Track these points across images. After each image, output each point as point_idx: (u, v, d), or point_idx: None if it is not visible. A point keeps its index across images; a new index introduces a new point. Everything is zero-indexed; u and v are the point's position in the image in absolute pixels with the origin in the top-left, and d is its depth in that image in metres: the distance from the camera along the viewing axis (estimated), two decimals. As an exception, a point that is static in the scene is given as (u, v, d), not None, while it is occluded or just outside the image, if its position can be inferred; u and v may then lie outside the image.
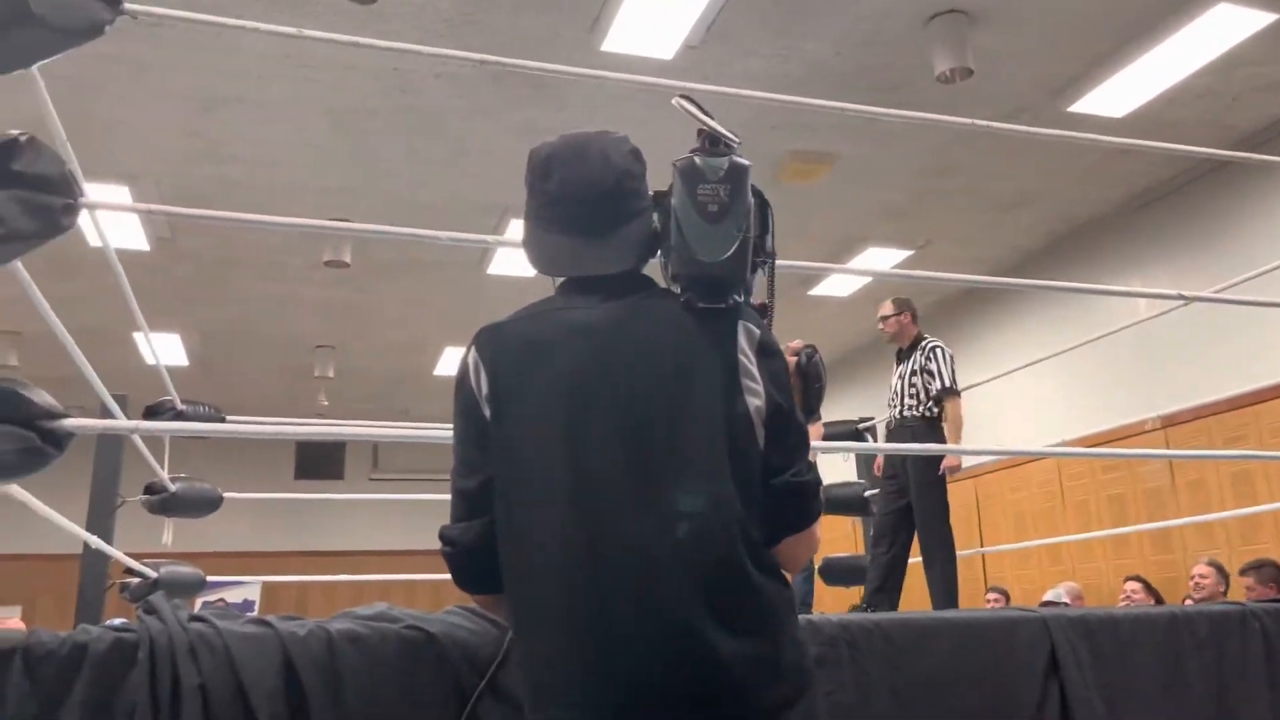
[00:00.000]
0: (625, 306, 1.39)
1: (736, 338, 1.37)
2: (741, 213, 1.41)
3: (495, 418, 1.35)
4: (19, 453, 1.57)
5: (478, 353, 1.40)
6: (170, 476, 4.20)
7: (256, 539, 11.23)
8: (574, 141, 1.46)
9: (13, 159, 1.64)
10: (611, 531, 1.25)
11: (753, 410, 1.33)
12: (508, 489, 1.32)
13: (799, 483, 1.35)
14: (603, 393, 1.31)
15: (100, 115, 5.26)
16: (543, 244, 1.46)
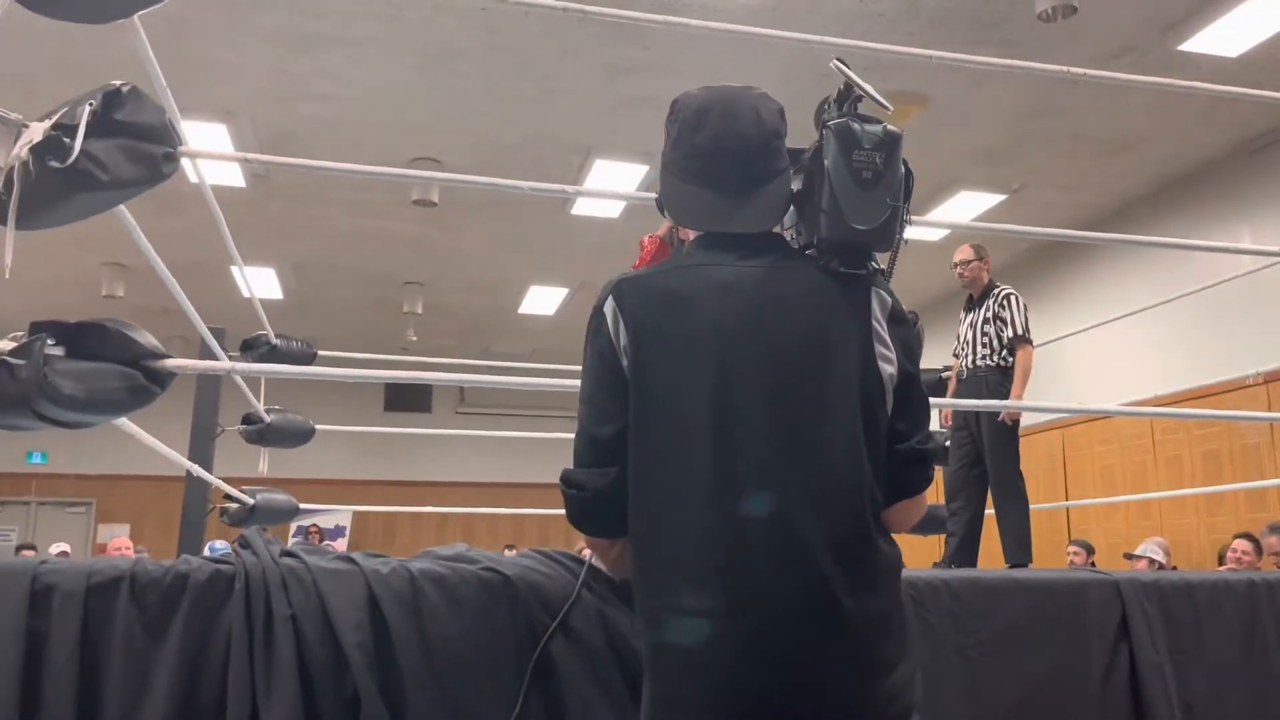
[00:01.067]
0: (766, 266, 1.40)
1: (871, 304, 1.40)
2: (895, 181, 1.43)
3: (636, 367, 1.36)
4: (126, 390, 1.65)
5: (616, 303, 1.41)
6: (266, 408, 4.38)
7: (347, 467, 11.62)
8: (724, 96, 1.46)
9: (116, 109, 1.71)
10: (754, 481, 1.28)
11: (885, 377, 1.37)
12: (647, 436, 1.35)
13: (922, 450, 1.39)
14: (748, 348, 1.34)
15: (197, 55, 5.39)
16: (686, 195, 1.45)
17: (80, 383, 1.59)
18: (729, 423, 1.31)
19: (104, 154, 1.67)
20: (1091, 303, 7.71)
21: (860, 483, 1.31)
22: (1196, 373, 6.88)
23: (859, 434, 1.33)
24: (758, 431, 1.30)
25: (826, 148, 1.42)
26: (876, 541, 1.32)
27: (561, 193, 2.18)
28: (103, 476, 11.60)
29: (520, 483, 12.04)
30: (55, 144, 1.62)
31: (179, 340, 10.36)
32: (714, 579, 1.26)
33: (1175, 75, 5.52)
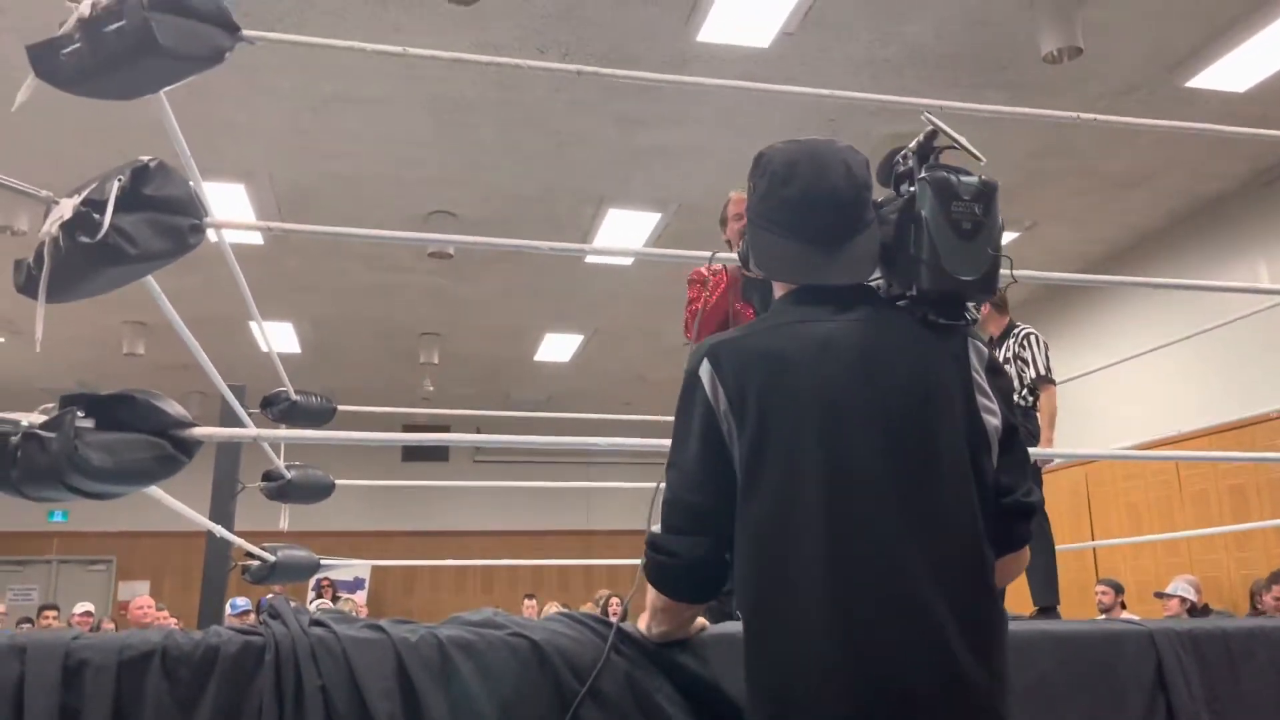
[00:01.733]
0: (864, 319, 1.38)
1: (969, 355, 1.39)
2: (996, 231, 1.42)
3: (739, 431, 1.34)
4: (154, 459, 1.67)
5: (713, 366, 1.38)
6: (286, 464, 4.40)
7: (366, 519, 11.63)
8: (812, 149, 1.46)
9: (144, 184, 1.74)
10: (869, 542, 1.26)
11: (990, 429, 1.35)
12: (755, 508, 1.32)
13: (1028, 503, 1.37)
14: (856, 406, 1.32)
15: (216, 116, 5.49)
16: (777, 248, 1.44)
17: (109, 454, 1.61)
18: (842, 493, 1.28)
19: (132, 228, 1.70)
20: (1109, 339, 7.68)
21: (977, 544, 1.29)
22: (1219, 408, 6.83)
23: (971, 492, 1.31)
24: (872, 502, 1.27)
25: (922, 199, 1.42)
26: (992, 598, 1.31)
27: (579, 251, 2.20)
28: (123, 534, 11.65)
29: (539, 530, 12.01)
30: (85, 220, 1.66)
31: (199, 396, 10.43)
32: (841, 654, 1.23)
33: (1183, 111, 5.58)
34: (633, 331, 9.49)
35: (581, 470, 11.58)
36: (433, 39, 4.80)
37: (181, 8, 1.76)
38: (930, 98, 5.76)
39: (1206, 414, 6.93)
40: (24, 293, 1.74)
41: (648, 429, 2.99)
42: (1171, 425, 7.17)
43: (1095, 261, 8.02)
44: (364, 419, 6.15)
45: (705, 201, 6.64)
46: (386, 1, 4.57)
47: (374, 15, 4.66)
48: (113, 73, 1.78)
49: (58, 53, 1.77)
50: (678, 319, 3.47)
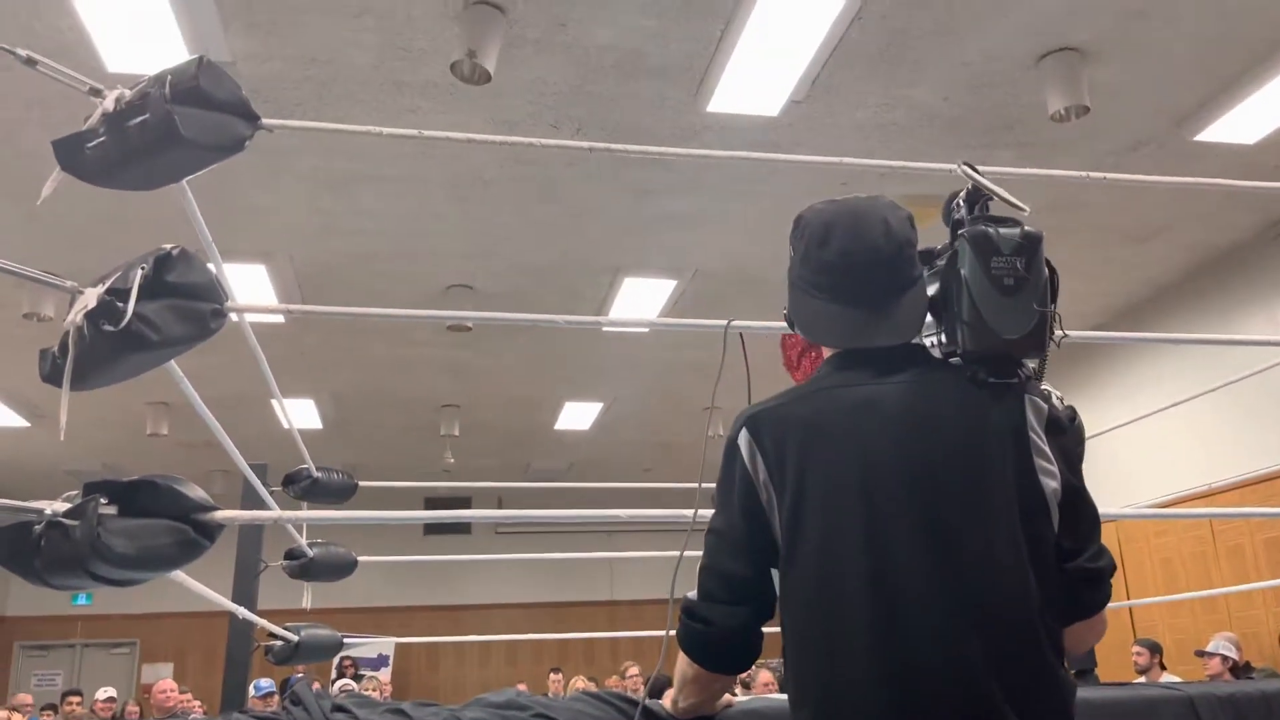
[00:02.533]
0: (909, 382, 1.35)
1: (1026, 414, 1.32)
2: (1040, 286, 1.36)
3: (779, 501, 1.32)
4: (176, 545, 1.68)
5: (751, 435, 1.36)
6: (308, 542, 4.39)
7: (389, 594, 11.55)
8: (852, 208, 1.43)
9: (167, 271, 1.77)
10: (914, 614, 1.23)
11: (1049, 492, 1.29)
12: (797, 582, 1.30)
13: (1096, 568, 1.31)
14: (898, 477, 1.28)
15: (236, 199, 5.60)
16: (819, 313, 1.41)
17: (132, 540, 1.61)
18: (885, 564, 1.24)
19: (155, 315, 1.73)
20: (1135, 392, 7.61)
21: (1032, 614, 1.24)
22: (1250, 458, 6.73)
23: (1025, 559, 1.25)
24: (918, 573, 1.23)
25: (962, 256, 1.37)
26: (1052, 668, 1.25)
27: (594, 324, 2.21)
28: (146, 615, 11.61)
29: (564, 601, 11.89)
30: (109, 308, 1.68)
31: (221, 474, 10.48)
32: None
33: (1194, 164, 5.59)
34: (652, 397, 9.49)
35: (604, 539, 11.50)
36: (448, 118, 4.90)
37: (203, 100, 1.80)
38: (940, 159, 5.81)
39: (1238, 465, 6.82)
40: (49, 381, 1.77)
41: (670, 496, 2.97)
42: (1202, 478, 7.06)
43: (1114, 315, 7.99)
44: (386, 494, 6.15)
45: (720, 267, 6.71)
46: (402, 84, 4.68)
47: (390, 97, 4.76)
48: (137, 164, 1.82)
49: (83, 146, 1.81)
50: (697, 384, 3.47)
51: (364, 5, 4.15)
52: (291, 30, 4.29)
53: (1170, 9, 4.37)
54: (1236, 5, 4.36)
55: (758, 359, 1.56)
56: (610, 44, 4.45)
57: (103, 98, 1.81)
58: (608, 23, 4.31)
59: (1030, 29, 4.46)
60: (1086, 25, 4.45)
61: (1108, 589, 1.33)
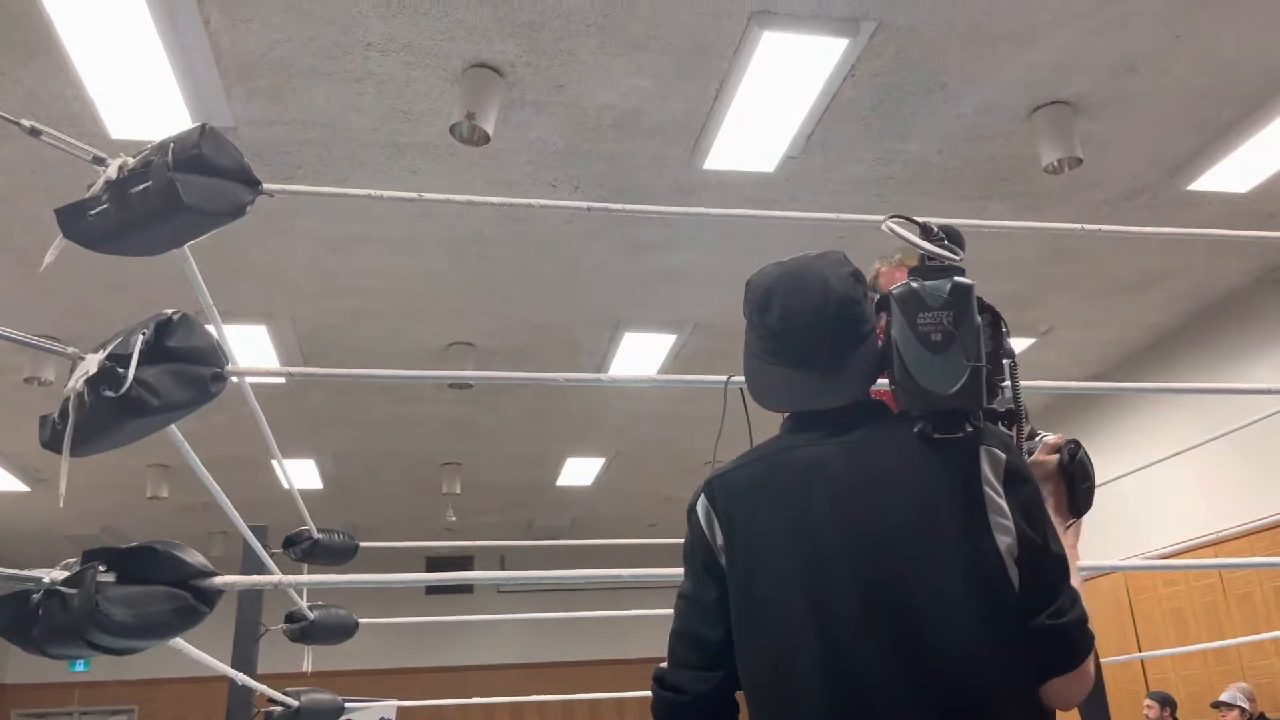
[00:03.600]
0: (857, 441, 1.32)
1: (980, 468, 1.28)
2: (969, 339, 1.32)
3: (731, 569, 1.32)
4: (175, 612, 1.66)
5: (708, 501, 1.37)
6: (309, 604, 4.35)
7: (391, 656, 11.42)
8: (793, 270, 1.42)
9: (168, 336, 1.78)
10: (861, 685, 1.20)
11: (1003, 549, 1.24)
12: (750, 647, 1.29)
13: (1060, 624, 1.24)
14: (839, 536, 1.26)
15: (237, 260, 5.64)
16: (765, 378, 1.41)
17: (130, 608, 1.60)
18: (832, 632, 1.22)
19: (155, 380, 1.73)
20: (1139, 440, 7.58)
21: (987, 674, 1.20)
22: (1256, 506, 6.68)
23: (979, 618, 1.21)
24: (864, 641, 1.21)
25: (892, 315, 1.35)
26: None
27: (595, 381, 2.21)
28: (145, 682, 11.45)
29: (568, 661, 11.73)
30: (109, 374, 1.69)
31: (221, 536, 10.41)
32: None
33: (1188, 213, 5.64)
34: (655, 452, 9.46)
35: (609, 597, 11.37)
36: (447, 179, 4.96)
37: (205, 167, 1.82)
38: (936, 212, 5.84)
39: (1244, 512, 6.77)
40: (49, 448, 1.76)
41: (674, 552, 2.95)
42: (1209, 525, 7.01)
43: (1116, 363, 7.99)
44: (387, 554, 6.09)
45: (719, 321, 6.72)
46: (402, 146, 4.74)
47: (390, 159, 4.82)
48: (139, 231, 1.84)
49: (85, 214, 1.83)
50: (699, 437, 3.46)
51: (365, 69, 4.22)
52: (293, 95, 4.35)
53: (1158, 63, 4.44)
54: (1224, 58, 4.43)
55: (758, 412, 1.56)
56: (608, 104, 4.52)
57: (106, 165, 1.83)
58: (605, 84, 4.37)
59: (1021, 83, 4.52)
60: (1077, 79, 4.52)
61: (1081, 643, 1.27)
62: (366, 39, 4.04)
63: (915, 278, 1.37)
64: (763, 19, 3.99)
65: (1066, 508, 1.50)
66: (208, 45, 4.00)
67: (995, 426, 1.37)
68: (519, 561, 12.88)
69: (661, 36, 4.10)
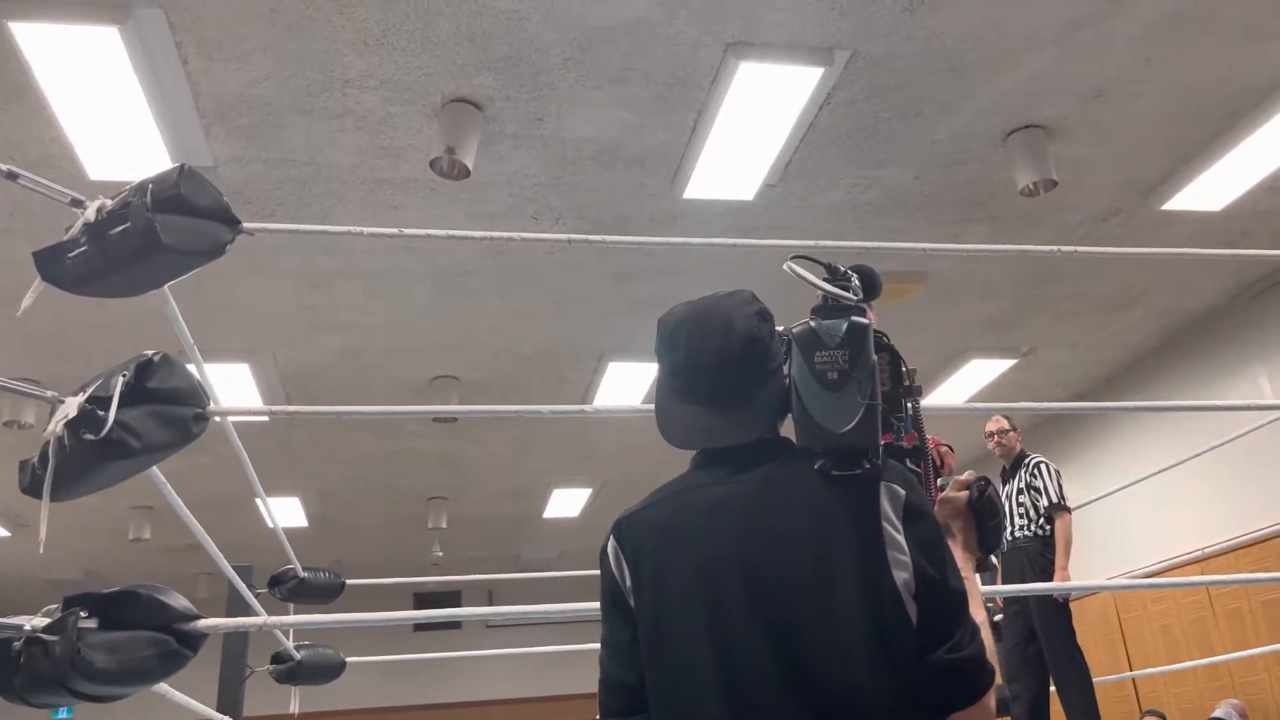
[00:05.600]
0: (759, 480, 1.33)
1: (879, 504, 1.29)
2: (865, 378, 1.33)
3: (638, 608, 1.32)
4: (158, 657, 1.64)
5: (617, 543, 1.38)
6: (295, 644, 4.30)
7: (379, 694, 11.29)
8: (699, 308, 1.44)
9: (148, 378, 1.77)
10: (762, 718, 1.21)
11: (900, 584, 1.25)
12: (657, 680, 1.29)
13: (957, 659, 1.24)
14: (740, 575, 1.26)
15: (218, 298, 5.62)
16: (673, 415, 1.42)
17: (113, 655, 1.58)
18: (731, 668, 1.23)
19: (136, 422, 1.72)
20: (1124, 459, 7.62)
21: (882, 710, 1.20)
22: (1241, 521, 6.72)
23: (876, 654, 1.22)
24: (761, 674, 1.21)
25: (792, 354, 1.36)
26: None
27: (579, 413, 2.21)
28: (129, 727, 11.23)
29: (559, 694, 11.62)
30: (90, 417, 1.67)
31: (206, 577, 10.28)
32: None
33: (1163, 233, 5.71)
34: (642, 481, 9.33)
35: (598, 629, 11.29)
36: (429, 213, 4.97)
37: (184, 207, 1.82)
38: (915, 235, 5.92)
39: (1230, 527, 6.81)
40: (29, 493, 1.74)
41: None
42: (1194, 542, 7.04)
43: (1095, 382, 8.05)
44: (374, 591, 6.03)
45: (704, 349, 6.72)
46: (382, 181, 4.75)
47: (371, 194, 4.83)
48: (118, 272, 1.83)
49: (64, 256, 1.82)
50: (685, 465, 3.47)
51: (344, 106, 4.23)
52: (272, 133, 4.36)
53: (1128, 88, 4.50)
54: (1192, 80, 4.50)
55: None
56: (587, 136, 4.55)
57: (84, 208, 1.83)
58: (584, 116, 4.40)
59: (995, 108, 4.58)
60: (1049, 104, 4.58)
61: (980, 678, 1.26)
62: (345, 76, 4.06)
63: (814, 317, 1.39)
64: (739, 50, 4.04)
65: (975, 544, 1.51)
66: (186, 85, 4.01)
67: (898, 464, 1.39)
68: (507, 595, 12.78)
69: (639, 68, 4.14)
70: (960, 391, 8.00)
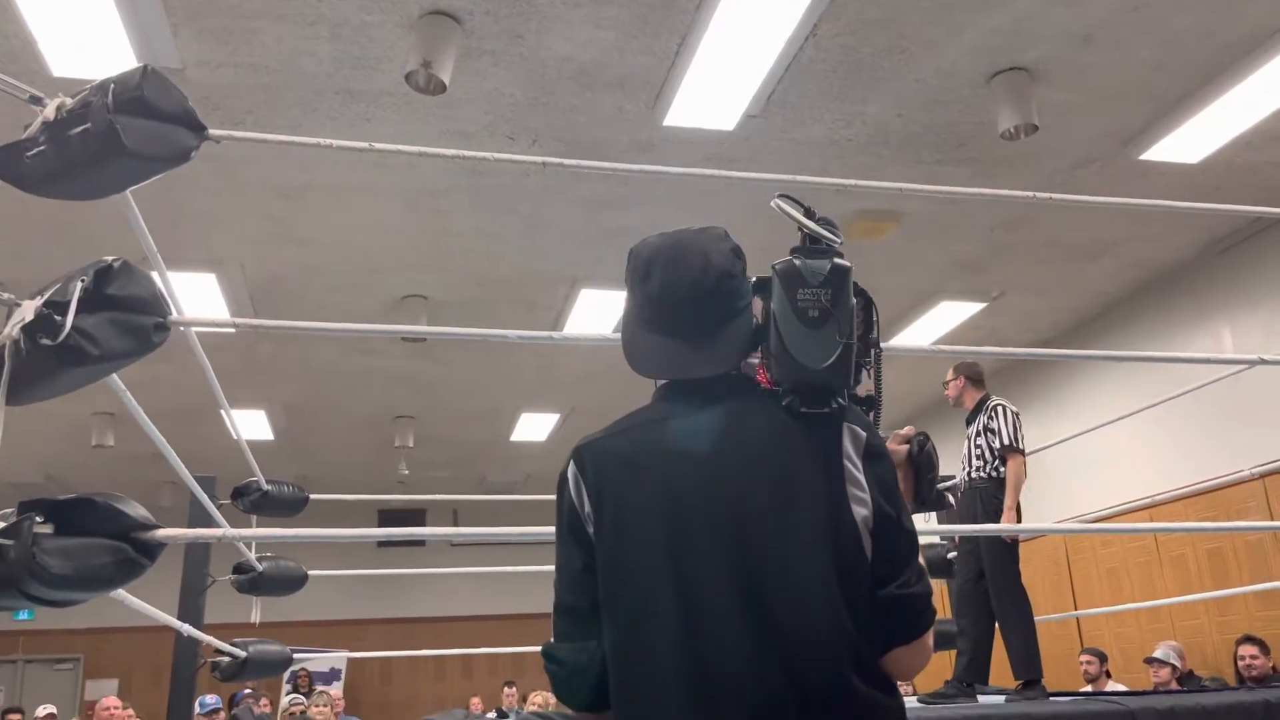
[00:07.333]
0: (725, 413, 1.36)
1: (842, 443, 1.33)
2: (844, 318, 1.38)
3: (598, 535, 1.33)
4: (115, 565, 1.63)
5: (578, 469, 1.38)
6: (257, 556, 4.32)
7: (341, 608, 11.40)
8: (674, 241, 1.44)
9: (107, 284, 1.74)
10: (720, 652, 1.23)
11: (859, 520, 1.29)
12: (615, 609, 1.30)
13: (907, 595, 1.29)
14: (704, 508, 1.29)
15: (184, 207, 5.51)
16: (642, 345, 1.43)
17: (69, 560, 1.57)
18: (691, 599, 1.25)
19: (95, 329, 1.69)
20: (1081, 406, 7.74)
21: (838, 641, 1.23)
22: (1193, 470, 6.87)
23: (833, 587, 1.25)
24: (722, 607, 1.24)
25: (774, 289, 1.39)
26: (865, 698, 1.23)
27: (547, 339, 2.21)
28: (90, 630, 11.33)
29: (519, 614, 11.80)
30: (47, 322, 1.64)
31: (169, 486, 10.27)
32: None
33: (1139, 183, 5.72)
34: (610, 409, 9.34)
35: (560, 551, 11.43)
36: (402, 128, 4.87)
37: (147, 110, 1.77)
38: (894, 174, 5.91)
39: (1180, 477, 6.96)
40: (-17, 396, 1.72)
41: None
42: (1146, 490, 7.20)
43: (1063, 330, 8.13)
44: (338, 507, 6.06)
45: (676, 280, 6.71)
46: (355, 93, 4.64)
47: (343, 106, 4.72)
48: (79, 175, 1.79)
49: (22, 156, 1.77)
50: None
51: (318, 13, 4.11)
52: (243, 37, 4.24)
53: (1114, 34, 4.47)
54: (1178, 30, 4.47)
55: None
56: (567, 56, 4.45)
57: (43, 106, 1.77)
58: (565, 35, 4.31)
59: (981, 49, 4.53)
60: (1035, 46, 4.53)
61: (924, 615, 1.31)
62: (320, -19, 3.93)
63: (797, 255, 1.41)
64: (725, -25, 3.95)
65: (912, 496, 1.55)
66: (154, -18, 3.88)
67: (857, 407, 1.42)
68: (472, 516, 12.88)
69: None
70: (929, 333, 8.06)
